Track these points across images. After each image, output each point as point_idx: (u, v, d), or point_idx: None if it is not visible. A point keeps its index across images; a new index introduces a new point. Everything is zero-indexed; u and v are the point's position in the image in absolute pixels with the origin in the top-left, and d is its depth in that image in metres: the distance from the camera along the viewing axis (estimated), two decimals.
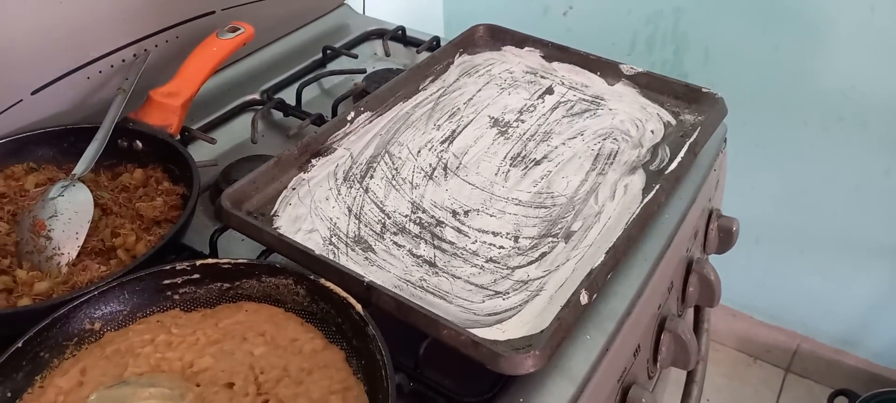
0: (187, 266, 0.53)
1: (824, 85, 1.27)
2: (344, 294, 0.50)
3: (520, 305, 0.56)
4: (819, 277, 1.47)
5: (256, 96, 0.86)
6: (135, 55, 0.77)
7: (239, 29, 0.80)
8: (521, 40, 0.89)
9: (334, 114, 0.81)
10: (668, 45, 1.38)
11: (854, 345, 1.52)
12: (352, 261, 0.60)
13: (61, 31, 0.71)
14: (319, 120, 0.80)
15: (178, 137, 0.74)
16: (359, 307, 0.50)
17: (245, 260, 0.54)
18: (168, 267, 0.53)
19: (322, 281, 0.52)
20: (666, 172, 0.67)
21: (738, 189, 1.15)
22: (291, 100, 0.85)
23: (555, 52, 0.87)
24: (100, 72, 0.75)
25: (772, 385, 1.60)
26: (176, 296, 0.54)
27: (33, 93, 0.70)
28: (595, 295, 0.56)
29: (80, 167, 0.64)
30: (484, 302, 0.57)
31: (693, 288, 0.74)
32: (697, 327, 0.80)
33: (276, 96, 0.85)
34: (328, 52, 0.94)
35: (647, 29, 1.38)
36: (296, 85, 0.86)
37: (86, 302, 0.51)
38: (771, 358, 1.63)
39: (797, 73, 1.28)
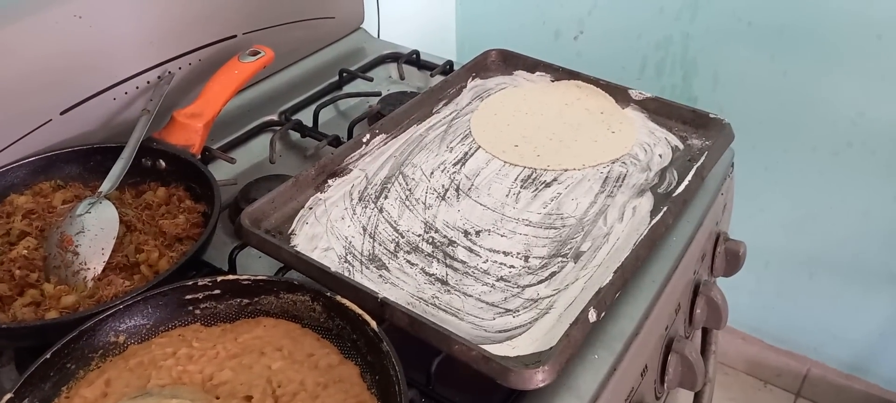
0: (209, 281, 0.55)
1: (833, 111, 1.28)
2: (359, 311, 0.52)
3: (530, 322, 0.58)
4: (829, 302, 1.46)
5: (275, 117, 0.89)
6: (159, 77, 0.80)
7: (259, 52, 0.83)
8: (532, 65, 0.91)
9: (350, 135, 0.83)
10: (677, 70, 1.40)
11: (864, 371, 1.51)
12: (366, 279, 0.62)
13: (89, 54, 0.74)
14: (335, 141, 0.83)
15: (200, 157, 0.76)
16: (374, 324, 0.51)
17: (264, 277, 0.56)
18: (190, 283, 0.55)
19: (338, 298, 0.53)
20: (673, 195, 0.69)
21: (748, 213, 1.16)
22: (308, 122, 0.87)
23: (565, 77, 0.89)
24: (125, 93, 0.77)
25: None
26: (197, 311, 0.56)
27: (62, 113, 0.73)
28: (603, 314, 0.57)
29: (107, 185, 0.66)
30: (495, 319, 0.58)
31: (700, 310, 0.75)
32: (705, 349, 0.81)
33: (293, 117, 0.88)
34: (344, 74, 0.96)
35: (657, 54, 1.40)
36: (313, 106, 0.88)
37: (111, 315, 0.53)
38: (781, 383, 1.62)
39: (806, 99, 1.29)
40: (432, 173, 0.74)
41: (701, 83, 1.38)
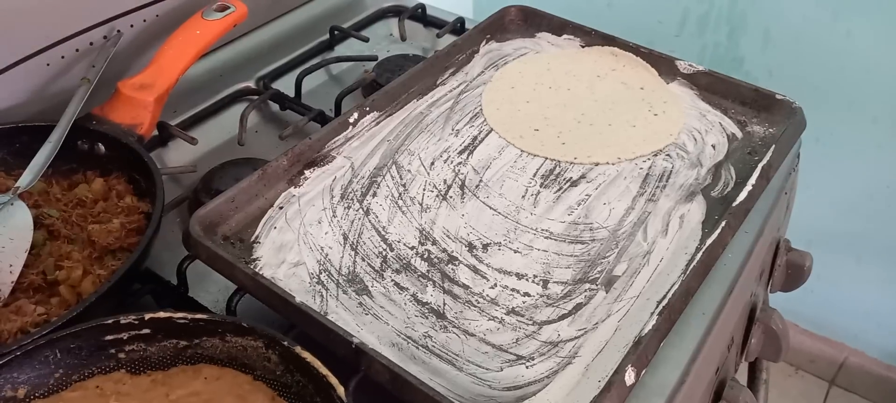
0: (134, 319, 0.43)
1: None
2: (324, 371, 0.40)
3: (547, 376, 0.45)
4: (876, 287, 1.34)
5: (252, 84, 0.75)
6: (105, 37, 0.66)
7: (229, 7, 0.68)
8: (559, 26, 0.76)
9: (338, 111, 0.70)
10: (722, 25, 1.23)
11: None
12: (342, 307, 0.49)
13: (16, 7, 0.60)
14: (320, 117, 0.69)
15: (155, 133, 0.64)
16: (341, 391, 0.39)
17: (205, 316, 0.43)
18: (111, 321, 0.43)
19: (297, 349, 0.41)
20: (733, 203, 0.55)
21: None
22: (290, 91, 0.73)
23: (598, 42, 0.74)
24: (62, 57, 0.64)
25: (814, 397, 1.49)
26: (121, 355, 0.44)
27: None
28: (644, 372, 0.44)
29: (26, 179, 0.53)
30: (502, 369, 0.46)
31: (756, 340, 0.62)
32: (753, 380, 0.68)
33: (272, 85, 0.74)
34: (336, 33, 0.82)
35: (701, 6, 1.23)
36: (296, 72, 0.75)
37: (6, 364, 0.41)
38: (814, 369, 1.52)
39: (870, 64, 1.14)
40: (433, 163, 0.61)
41: (749, 42, 1.22)
